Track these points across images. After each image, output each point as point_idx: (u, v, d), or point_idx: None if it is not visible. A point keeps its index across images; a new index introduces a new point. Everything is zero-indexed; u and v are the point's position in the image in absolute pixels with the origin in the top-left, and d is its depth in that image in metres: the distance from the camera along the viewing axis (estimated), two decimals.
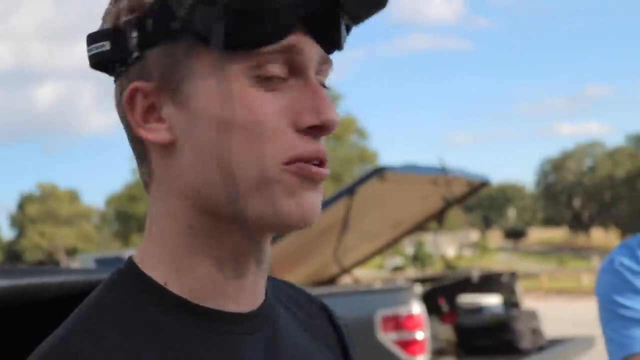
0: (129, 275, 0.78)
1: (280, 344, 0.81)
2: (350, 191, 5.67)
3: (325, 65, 0.78)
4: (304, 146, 0.74)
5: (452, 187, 6.26)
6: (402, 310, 5.02)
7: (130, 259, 0.80)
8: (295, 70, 0.75)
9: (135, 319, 0.74)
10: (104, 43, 0.76)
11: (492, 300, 6.40)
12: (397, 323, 5.02)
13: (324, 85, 0.79)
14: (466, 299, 6.49)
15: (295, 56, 0.74)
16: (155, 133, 0.76)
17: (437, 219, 7.25)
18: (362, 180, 5.75)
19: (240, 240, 0.77)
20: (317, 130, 0.74)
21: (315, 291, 5.91)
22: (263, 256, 0.80)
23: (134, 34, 0.74)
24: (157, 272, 0.77)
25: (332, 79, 0.83)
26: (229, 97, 0.73)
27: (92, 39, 0.78)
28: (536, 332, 6.19)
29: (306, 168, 0.74)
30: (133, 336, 0.73)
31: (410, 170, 6.03)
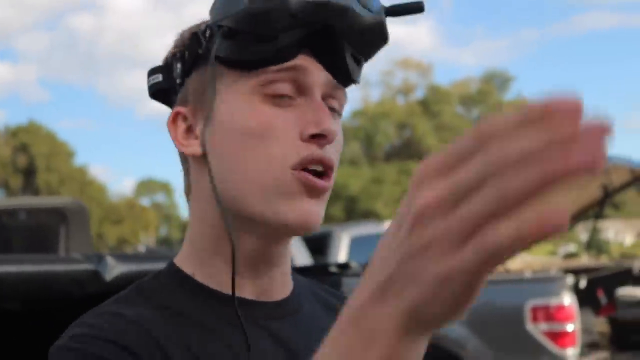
0: (166, 271, 0.93)
1: (298, 336, 0.90)
2: None
3: (337, 91, 0.89)
4: (309, 150, 0.84)
5: (612, 175, 6.01)
6: (552, 301, 4.92)
7: (171, 260, 0.94)
8: (302, 89, 0.86)
9: (162, 301, 0.87)
10: (158, 75, 0.92)
11: None
12: (547, 314, 4.92)
13: (334, 110, 0.89)
14: (625, 291, 6.24)
15: (301, 76, 0.85)
16: (190, 148, 0.90)
17: (598, 207, 6.98)
18: None
19: (254, 244, 0.88)
20: (318, 138, 0.85)
21: None
22: (277, 259, 0.91)
23: (178, 65, 0.89)
24: (187, 265, 0.91)
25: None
26: (242, 110, 0.85)
27: (150, 72, 0.93)
28: None
29: (308, 176, 0.84)
30: (157, 313, 0.85)
31: None
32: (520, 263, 7.15)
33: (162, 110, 0.96)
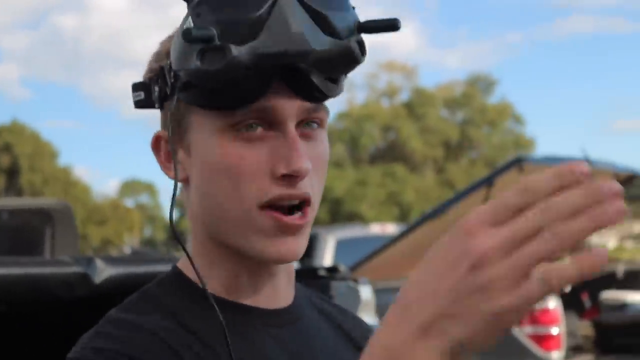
0: (172, 275, 0.94)
1: (303, 342, 0.92)
2: (489, 181, 5.62)
3: (317, 111, 0.87)
4: (279, 190, 0.85)
5: (595, 180, 6.04)
6: (537, 304, 4.95)
7: (175, 264, 0.96)
8: (273, 124, 0.85)
9: (171, 307, 0.89)
10: (140, 93, 0.93)
11: (638, 298, 6.16)
12: (532, 317, 4.95)
13: (316, 124, 0.89)
14: (610, 295, 6.28)
15: (270, 114, 0.85)
16: (171, 172, 0.91)
17: None
18: (501, 170, 5.69)
19: (248, 262, 0.90)
20: (289, 178, 0.84)
21: None
22: (276, 270, 0.92)
23: (156, 89, 0.90)
24: (191, 273, 0.92)
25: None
26: (214, 149, 0.86)
27: (134, 87, 0.94)
28: None
29: (279, 217, 0.85)
30: (168, 318, 0.87)
31: (550, 162, 5.89)
32: None
33: (147, 111, 0.97)
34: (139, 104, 0.94)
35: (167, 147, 0.92)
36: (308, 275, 2.11)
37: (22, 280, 1.76)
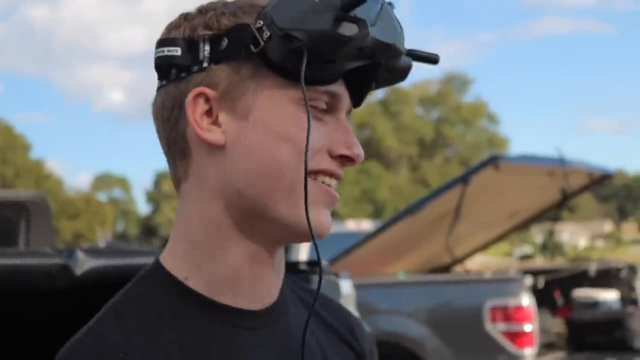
0: (154, 273, 0.89)
1: (288, 340, 0.90)
2: (464, 179, 5.64)
3: (348, 115, 0.92)
4: (331, 165, 0.88)
5: (570, 179, 6.11)
6: (511, 302, 4.99)
7: (157, 258, 0.90)
8: (332, 109, 0.88)
9: (155, 311, 0.86)
10: (176, 48, 0.87)
11: (609, 296, 6.23)
12: (505, 314, 4.99)
13: None
14: (582, 293, 6.35)
15: (335, 99, 0.88)
16: (211, 134, 0.86)
17: (556, 210, 7.09)
18: (476, 168, 5.71)
19: (259, 246, 0.87)
20: (346, 159, 0.88)
21: (425, 279, 5.92)
22: (277, 263, 0.91)
23: (207, 48, 0.86)
24: (178, 269, 0.88)
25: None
26: (286, 116, 0.85)
27: (164, 43, 0.89)
28: None
29: (328, 190, 0.88)
30: (151, 325, 0.84)
31: (526, 160, 5.94)
32: (476, 264, 7.21)
33: (119, 104, 0.92)
34: (168, 60, 0.87)
35: (205, 106, 0.86)
36: (289, 269, 2.11)
37: (1, 271, 1.74)
